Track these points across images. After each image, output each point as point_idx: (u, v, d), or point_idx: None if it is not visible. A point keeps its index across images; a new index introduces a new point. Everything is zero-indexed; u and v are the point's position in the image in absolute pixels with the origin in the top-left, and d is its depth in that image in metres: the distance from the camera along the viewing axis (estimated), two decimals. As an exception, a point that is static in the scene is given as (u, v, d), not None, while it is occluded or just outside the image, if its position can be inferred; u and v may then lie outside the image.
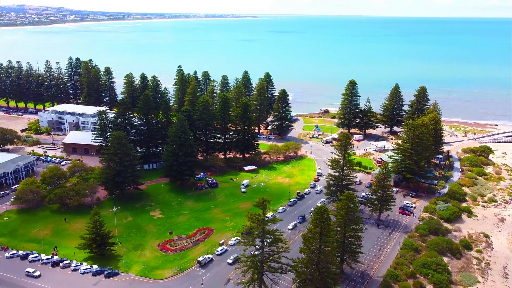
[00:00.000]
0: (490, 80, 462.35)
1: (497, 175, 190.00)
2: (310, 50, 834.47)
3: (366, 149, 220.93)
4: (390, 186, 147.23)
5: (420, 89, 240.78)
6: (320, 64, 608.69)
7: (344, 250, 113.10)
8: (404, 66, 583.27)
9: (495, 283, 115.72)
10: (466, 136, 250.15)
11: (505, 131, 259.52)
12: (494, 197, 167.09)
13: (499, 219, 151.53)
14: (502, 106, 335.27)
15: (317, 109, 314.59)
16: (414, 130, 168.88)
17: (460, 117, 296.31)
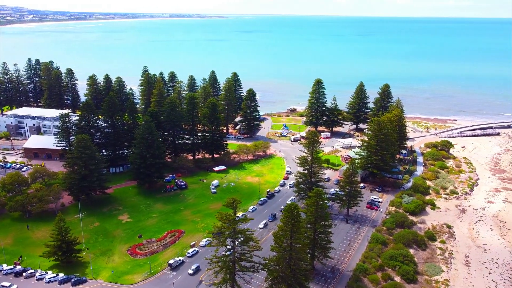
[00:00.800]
0: (449, 77, 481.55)
1: (457, 168, 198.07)
2: (277, 49, 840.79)
3: (333, 146, 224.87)
4: (358, 182, 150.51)
5: (383, 87, 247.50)
6: (287, 63, 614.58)
7: (315, 246, 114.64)
8: (368, 64, 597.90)
9: (458, 271, 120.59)
10: (428, 132, 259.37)
11: (464, 126, 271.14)
12: (455, 189, 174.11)
13: (460, 210, 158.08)
14: (461, 102, 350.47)
15: (285, 108, 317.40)
16: (379, 127, 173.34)
17: (422, 113, 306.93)
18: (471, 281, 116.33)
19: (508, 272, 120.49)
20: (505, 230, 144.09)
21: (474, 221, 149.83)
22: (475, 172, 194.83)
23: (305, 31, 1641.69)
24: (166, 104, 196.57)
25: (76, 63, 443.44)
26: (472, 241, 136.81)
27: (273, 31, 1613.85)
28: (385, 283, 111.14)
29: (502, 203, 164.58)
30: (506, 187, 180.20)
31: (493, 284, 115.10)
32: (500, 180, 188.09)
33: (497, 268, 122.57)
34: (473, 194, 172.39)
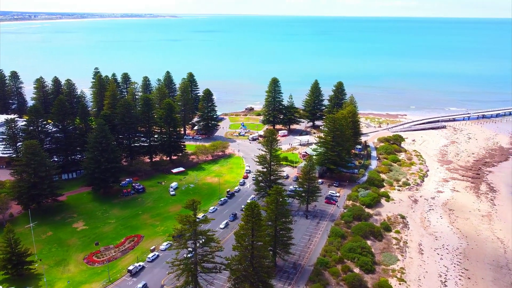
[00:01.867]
0: (398, 74, 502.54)
1: (408, 160, 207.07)
2: (233, 49, 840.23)
3: (291, 144, 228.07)
4: (316, 178, 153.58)
5: (337, 84, 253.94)
6: (243, 63, 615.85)
7: (276, 243, 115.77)
8: (322, 62, 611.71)
9: (412, 259, 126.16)
10: (381, 127, 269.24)
11: (413, 120, 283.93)
12: (407, 181, 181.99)
13: (413, 200, 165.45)
14: (409, 98, 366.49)
15: (242, 108, 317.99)
16: (334, 123, 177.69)
17: (374, 109, 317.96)
18: (424, 267, 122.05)
19: (458, 257, 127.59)
20: (454, 217, 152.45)
21: (426, 210, 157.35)
22: (425, 164, 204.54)
23: (261, 30, 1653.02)
24: (120, 106, 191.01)
25: (21, 66, 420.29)
26: (424, 229, 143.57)
27: (228, 31, 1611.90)
28: (345, 275, 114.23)
29: (450, 192, 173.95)
30: (453, 177, 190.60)
31: (444, 269, 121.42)
32: (447, 170, 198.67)
33: (448, 253, 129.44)
34: (424, 185, 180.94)
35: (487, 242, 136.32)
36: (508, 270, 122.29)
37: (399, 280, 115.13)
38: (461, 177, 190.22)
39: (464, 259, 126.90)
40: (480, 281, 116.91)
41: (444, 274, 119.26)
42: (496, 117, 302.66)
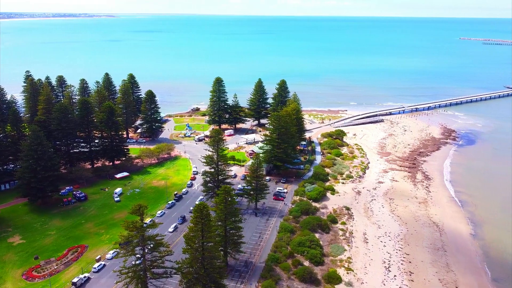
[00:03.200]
0: (338, 72, 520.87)
1: (351, 154, 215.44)
2: (175, 49, 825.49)
3: (237, 143, 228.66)
4: (263, 175, 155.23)
5: (280, 82, 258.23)
6: (186, 62, 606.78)
7: (227, 243, 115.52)
8: (264, 61, 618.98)
9: (358, 248, 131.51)
10: (323, 122, 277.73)
11: (354, 115, 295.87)
12: (350, 174, 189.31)
13: (356, 192, 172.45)
14: (350, 94, 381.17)
15: (187, 108, 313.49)
16: (279, 121, 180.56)
17: (317, 106, 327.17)
18: (369, 255, 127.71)
19: (399, 243, 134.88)
20: (394, 205, 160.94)
21: (368, 201, 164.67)
22: (366, 157, 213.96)
23: (202, 30, 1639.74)
24: (56, 111, 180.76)
25: None
26: (368, 219, 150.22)
27: (169, 31, 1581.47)
28: (296, 269, 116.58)
29: (390, 182, 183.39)
30: (392, 167, 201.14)
31: (388, 255, 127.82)
32: (386, 162, 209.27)
33: (390, 240, 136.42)
34: (366, 176, 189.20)
35: (424, 227, 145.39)
36: (444, 251, 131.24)
37: (346, 270, 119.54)
38: (399, 167, 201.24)
39: (405, 244, 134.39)
40: (420, 263, 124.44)
41: (387, 260, 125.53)
42: (428, 110, 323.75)
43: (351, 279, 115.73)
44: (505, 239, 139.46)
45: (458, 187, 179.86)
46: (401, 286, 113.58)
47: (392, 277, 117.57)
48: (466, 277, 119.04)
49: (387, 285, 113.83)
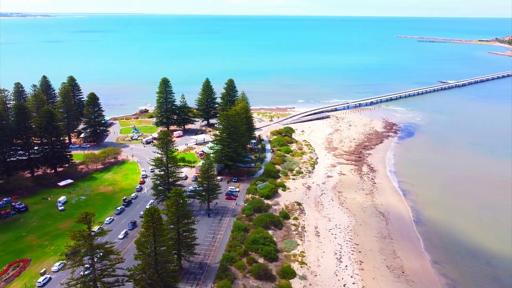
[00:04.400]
0: (285, 70, 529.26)
1: (300, 150, 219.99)
2: (117, 50, 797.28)
3: (187, 144, 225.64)
4: (214, 175, 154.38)
5: (228, 82, 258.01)
6: (130, 63, 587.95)
7: (180, 246, 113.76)
8: (211, 60, 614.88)
9: (311, 242, 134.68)
10: (272, 120, 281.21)
11: (301, 112, 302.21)
12: (300, 170, 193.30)
13: (306, 187, 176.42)
14: (297, 92, 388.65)
15: (133, 111, 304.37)
16: (228, 120, 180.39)
17: (265, 104, 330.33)
18: (322, 248, 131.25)
19: (349, 234, 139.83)
20: (343, 198, 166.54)
21: (318, 195, 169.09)
22: (315, 152, 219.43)
23: (146, 30, 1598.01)
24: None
25: None
26: (319, 213, 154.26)
27: (111, 30, 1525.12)
28: (251, 267, 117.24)
29: (338, 175, 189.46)
30: (339, 161, 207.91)
31: (339, 247, 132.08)
32: (334, 156, 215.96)
33: (340, 232, 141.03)
34: (315, 171, 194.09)
35: (372, 217, 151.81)
36: (390, 239, 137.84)
37: (300, 264, 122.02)
38: (346, 161, 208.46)
39: (354, 235, 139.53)
40: (369, 252, 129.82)
41: (339, 251, 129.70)
42: (370, 105, 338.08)
43: (305, 272, 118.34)
44: (443, 224, 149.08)
45: (400, 177, 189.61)
46: (353, 275, 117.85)
47: (344, 267, 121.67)
48: (411, 262, 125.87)
49: (339, 276, 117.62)
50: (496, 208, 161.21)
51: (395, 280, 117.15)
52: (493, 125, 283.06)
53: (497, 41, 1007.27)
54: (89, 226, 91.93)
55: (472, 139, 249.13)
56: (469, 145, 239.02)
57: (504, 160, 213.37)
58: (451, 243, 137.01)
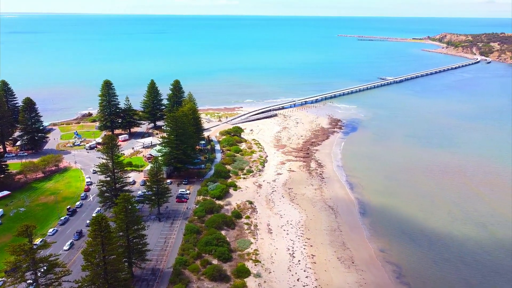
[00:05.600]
0: (231, 70, 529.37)
1: (249, 149, 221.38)
2: (54, 51, 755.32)
3: (133, 148, 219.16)
4: (164, 179, 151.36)
5: (174, 83, 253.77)
6: (68, 66, 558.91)
7: (131, 253, 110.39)
8: (156, 61, 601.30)
9: (263, 239, 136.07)
10: (221, 120, 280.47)
11: (249, 112, 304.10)
12: (250, 169, 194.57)
13: (257, 186, 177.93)
14: (244, 91, 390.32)
15: (74, 115, 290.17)
16: (176, 122, 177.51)
17: (213, 105, 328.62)
18: (275, 245, 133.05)
19: (300, 229, 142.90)
20: (293, 195, 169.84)
21: (269, 193, 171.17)
22: (264, 151, 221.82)
23: (85, 30, 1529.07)
24: None
25: None
26: (270, 210, 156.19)
27: (46, 31, 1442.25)
28: (205, 269, 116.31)
29: (287, 172, 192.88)
30: (288, 159, 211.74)
31: (291, 243, 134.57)
32: (283, 154, 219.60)
33: (292, 228, 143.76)
34: (265, 170, 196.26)
35: (321, 212, 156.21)
36: (339, 232, 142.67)
37: (254, 262, 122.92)
38: (295, 158, 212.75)
39: (305, 230, 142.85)
40: (320, 246, 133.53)
41: (291, 247, 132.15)
42: (315, 102, 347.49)
43: (259, 270, 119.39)
44: (387, 213, 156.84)
45: (347, 171, 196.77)
46: (305, 269, 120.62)
47: (297, 262, 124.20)
48: (360, 252, 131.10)
49: (293, 270, 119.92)
50: (434, 195, 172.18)
51: (346, 270, 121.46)
52: (427, 118, 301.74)
53: (429, 39, 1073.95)
54: (30, 239, 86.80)
55: (410, 132, 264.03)
56: (407, 137, 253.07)
57: (438, 150, 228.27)
58: (395, 231, 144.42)
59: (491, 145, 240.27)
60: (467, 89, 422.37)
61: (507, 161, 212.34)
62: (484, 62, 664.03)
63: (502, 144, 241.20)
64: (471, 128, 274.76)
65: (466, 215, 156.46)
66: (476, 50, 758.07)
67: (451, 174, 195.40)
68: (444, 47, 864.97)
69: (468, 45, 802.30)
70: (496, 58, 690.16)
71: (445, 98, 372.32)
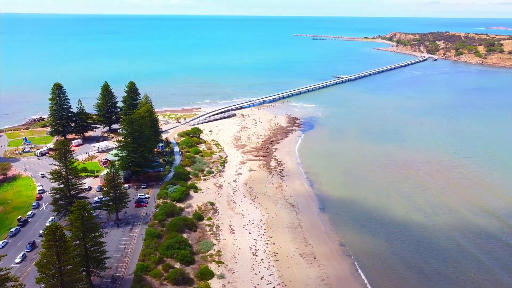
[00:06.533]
0: (188, 70, 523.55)
1: (209, 150, 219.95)
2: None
3: (88, 153, 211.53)
4: (121, 183, 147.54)
5: (129, 85, 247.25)
6: (11, 68, 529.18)
7: (89, 262, 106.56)
8: (109, 63, 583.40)
9: (226, 240, 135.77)
10: (179, 122, 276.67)
11: (208, 112, 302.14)
12: (211, 170, 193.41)
13: (218, 186, 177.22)
14: (202, 92, 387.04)
15: (22, 120, 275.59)
16: (132, 125, 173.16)
17: (170, 106, 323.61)
18: (237, 245, 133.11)
19: (262, 228, 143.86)
20: (254, 194, 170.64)
21: (230, 193, 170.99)
22: (224, 151, 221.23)
23: (28, 30, 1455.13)
24: None
25: None
26: (232, 210, 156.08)
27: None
28: (167, 273, 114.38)
29: (248, 172, 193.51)
30: (248, 158, 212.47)
31: (254, 242, 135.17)
32: (243, 153, 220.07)
33: (254, 227, 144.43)
34: (225, 170, 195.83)
35: (282, 209, 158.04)
36: (301, 228, 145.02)
37: (217, 263, 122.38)
38: (255, 157, 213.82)
39: (267, 228, 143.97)
40: (282, 243, 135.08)
41: (254, 246, 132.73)
42: (273, 101, 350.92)
43: (223, 271, 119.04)
44: (346, 208, 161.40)
45: (306, 169, 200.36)
46: (269, 267, 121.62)
47: (260, 260, 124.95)
48: (321, 247, 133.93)
49: (256, 269, 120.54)
50: (389, 188, 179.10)
51: (308, 266, 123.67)
52: (381, 114, 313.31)
53: (380, 38, 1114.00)
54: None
55: (365, 128, 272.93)
56: (363, 133, 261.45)
57: (391, 145, 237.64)
58: (354, 225, 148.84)
59: (438, 138, 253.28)
60: (416, 86, 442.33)
61: (452, 153, 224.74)
62: (431, 59, 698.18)
63: (448, 137, 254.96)
64: (419, 123, 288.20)
65: (418, 206, 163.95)
66: (424, 48, 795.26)
67: (403, 167, 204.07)
68: (394, 46, 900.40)
69: (416, 43, 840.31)
70: (442, 55, 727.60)
71: (396, 95, 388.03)
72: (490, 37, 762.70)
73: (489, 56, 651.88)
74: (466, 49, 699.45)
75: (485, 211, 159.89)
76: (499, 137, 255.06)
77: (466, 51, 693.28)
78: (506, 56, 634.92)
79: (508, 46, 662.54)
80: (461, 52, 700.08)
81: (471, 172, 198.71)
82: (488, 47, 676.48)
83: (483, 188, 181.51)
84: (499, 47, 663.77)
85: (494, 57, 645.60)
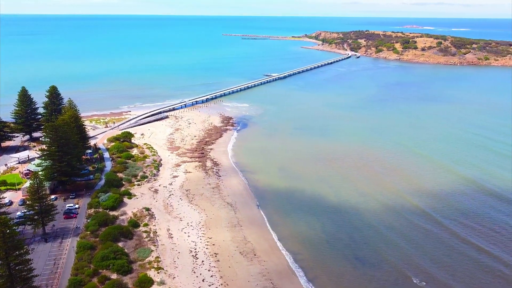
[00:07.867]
0: (114, 73, 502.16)
1: (142, 154, 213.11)
2: None
3: (7, 164, 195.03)
4: (47, 195, 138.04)
5: (50, 89, 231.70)
6: None
7: (14, 282, 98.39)
8: (26, 66, 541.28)
9: (165, 245, 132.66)
10: (108, 126, 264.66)
11: (139, 115, 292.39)
12: (145, 174, 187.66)
13: (153, 191, 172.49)
14: (131, 94, 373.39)
15: None
16: (56, 132, 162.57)
17: (98, 110, 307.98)
18: (176, 249, 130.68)
19: (201, 230, 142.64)
20: (191, 196, 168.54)
21: (167, 197, 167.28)
22: (158, 154, 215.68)
23: None
24: None
25: None
26: (169, 214, 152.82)
27: None
28: (104, 285, 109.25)
29: (183, 174, 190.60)
30: (183, 160, 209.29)
31: (193, 244, 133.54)
32: (178, 155, 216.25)
33: (193, 229, 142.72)
34: (160, 174, 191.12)
35: (220, 209, 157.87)
36: (240, 227, 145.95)
37: (156, 270, 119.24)
38: (190, 159, 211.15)
39: (206, 229, 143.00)
40: (222, 243, 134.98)
41: (194, 249, 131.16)
42: (206, 101, 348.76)
43: (163, 277, 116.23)
44: (283, 204, 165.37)
45: (243, 167, 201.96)
46: (210, 269, 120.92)
47: (200, 263, 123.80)
48: (260, 244, 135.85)
49: (197, 272, 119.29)
50: (323, 181, 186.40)
51: (249, 263, 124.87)
52: (312, 111, 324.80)
53: (306, 37, 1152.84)
54: None
55: (298, 125, 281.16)
56: (296, 130, 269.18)
57: (324, 139, 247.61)
58: (292, 219, 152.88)
59: (365, 131, 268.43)
60: (343, 82, 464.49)
61: (370, 145, 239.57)
62: (354, 56, 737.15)
63: (375, 129, 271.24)
64: (349, 117, 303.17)
65: (346, 197, 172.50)
66: (347, 46, 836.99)
67: (336, 160, 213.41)
68: (320, 44, 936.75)
69: (340, 41, 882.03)
70: (364, 53, 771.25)
71: (325, 91, 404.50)
72: (405, 35, 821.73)
73: (405, 52, 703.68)
74: (385, 47, 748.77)
75: (401, 197, 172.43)
76: (413, 128, 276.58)
77: (385, 48, 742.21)
78: (420, 53, 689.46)
79: (421, 43, 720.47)
80: (380, 49, 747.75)
81: (387, 161, 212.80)
82: (404, 44, 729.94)
83: (398, 175, 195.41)
84: (413, 44, 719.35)
85: (410, 53, 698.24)
